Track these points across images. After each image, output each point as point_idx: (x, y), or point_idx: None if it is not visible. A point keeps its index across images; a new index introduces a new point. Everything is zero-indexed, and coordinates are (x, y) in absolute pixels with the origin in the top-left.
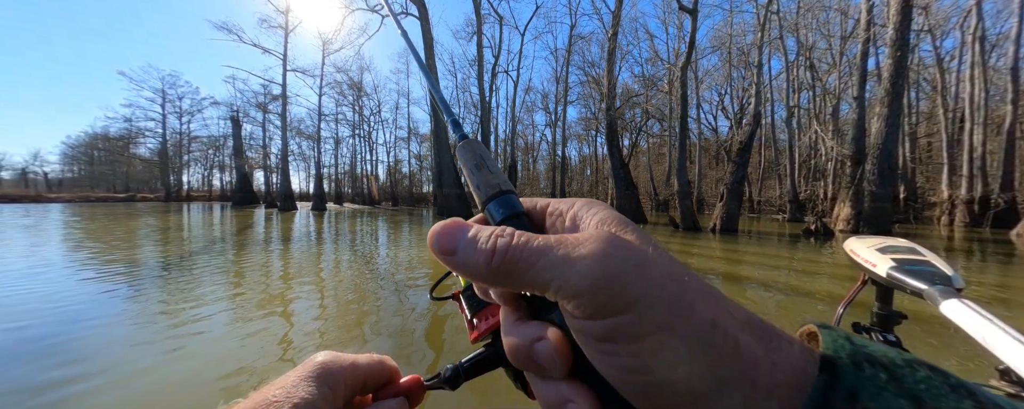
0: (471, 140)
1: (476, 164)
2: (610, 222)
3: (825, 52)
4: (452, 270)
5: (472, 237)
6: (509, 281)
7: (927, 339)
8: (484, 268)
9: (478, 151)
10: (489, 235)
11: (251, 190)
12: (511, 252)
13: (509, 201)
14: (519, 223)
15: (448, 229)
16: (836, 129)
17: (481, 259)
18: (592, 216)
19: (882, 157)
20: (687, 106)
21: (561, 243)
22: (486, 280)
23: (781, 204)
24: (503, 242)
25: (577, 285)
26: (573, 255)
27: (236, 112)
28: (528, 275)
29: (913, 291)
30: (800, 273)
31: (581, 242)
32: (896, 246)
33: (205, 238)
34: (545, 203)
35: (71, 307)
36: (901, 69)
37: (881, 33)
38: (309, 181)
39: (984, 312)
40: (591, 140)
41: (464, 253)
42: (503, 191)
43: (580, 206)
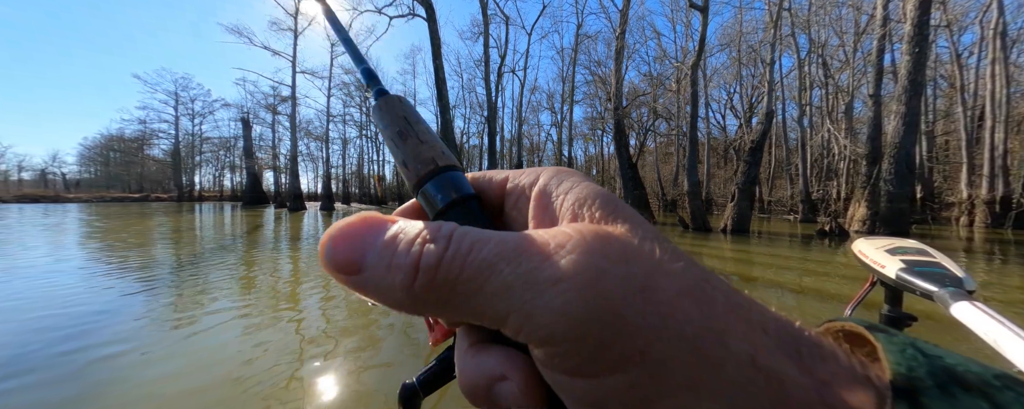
0: (392, 97)
1: (400, 131)
2: (591, 203)
3: (837, 49)
4: (355, 291)
5: (388, 243)
6: (444, 311)
7: (937, 341)
8: (402, 294)
9: (401, 113)
10: (414, 239)
11: (261, 190)
12: (444, 268)
13: (453, 180)
14: (467, 211)
15: (351, 231)
16: (849, 128)
17: (399, 279)
18: (566, 193)
19: (900, 156)
20: (697, 105)
21: (523, 251)
22: (408, 310)
23: (792, 204)
24: (432, 252)
25: (549, 326)
26: (542, 275)
27: (246, 113)
28: (472, 303)
29: (923, 293)
30: (818, 275)
31: (553, 251)
32: (906, 247)
33: (220, 237)
34: (503, 177)
35: (115, 300)
36: (919, 66)
37: (896, 29)
38: (317, 181)
39: (996, 315)
40: (597, 140)
41: (372, 271)
42: (442, 167)
43: (548, 178)
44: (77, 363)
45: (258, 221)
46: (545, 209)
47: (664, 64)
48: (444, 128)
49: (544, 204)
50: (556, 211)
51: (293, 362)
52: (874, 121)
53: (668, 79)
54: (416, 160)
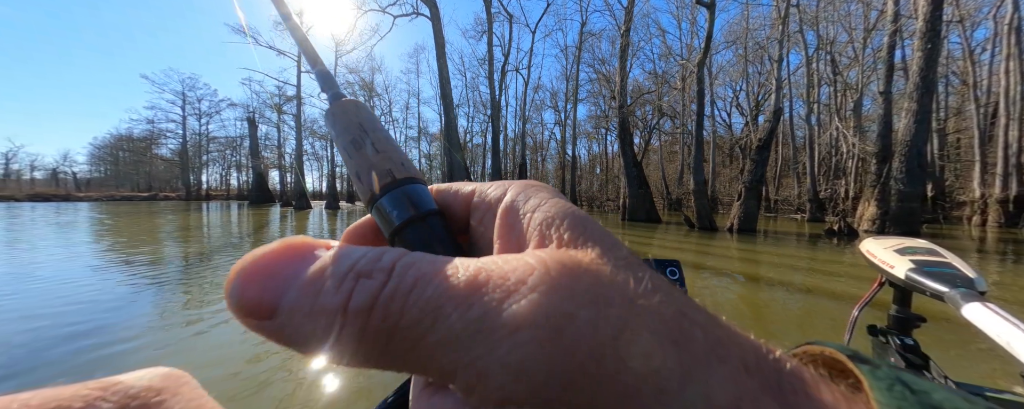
0: (349, 101)
1: (353, 139)
2: (560, 223)
3: (846, 46)
4: (267, 338)
5: (312, 279)
6: (378, 363)
7: (946, 343)
8: (324, 346)
9: (356, 118)
10: (346, 273)
11: (267, 189)
12: (379, 312)
13: (411, 195)
14: (427, 229)
15: (267, 263)
16: (858, 125)
17: (319, 328)
18: (533, 212)
19: (911, 154)
20: (704, 103)
21: (476, 288)
22: (336, 361)
23: (800, 203)
24: (366, 290)
25: (505, 389)
26: (497, 322)
27: (252, 113)
28: (412, 356)
29: (933, 293)
30: (830, 275)
31: (512, 289)
32: (915, 247)
33: (227, 236)
34: (470, 190)
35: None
36: (932, 62)
37: (907, 24)
38: (322, 180)
39: (1009, 316)
40: (600, 138)
41: (290, 315)
42: (400, 179)
43: (516, 193)
44: (87, 360)
45: (264, 220)
46: (511, 228)
47: (669, 62)
48: (448, 126)
49: (510, 222)
50: (523, 230)
51: (299, 359)
52: (884, 118)
53: (673, 77)
54: (370, 172)
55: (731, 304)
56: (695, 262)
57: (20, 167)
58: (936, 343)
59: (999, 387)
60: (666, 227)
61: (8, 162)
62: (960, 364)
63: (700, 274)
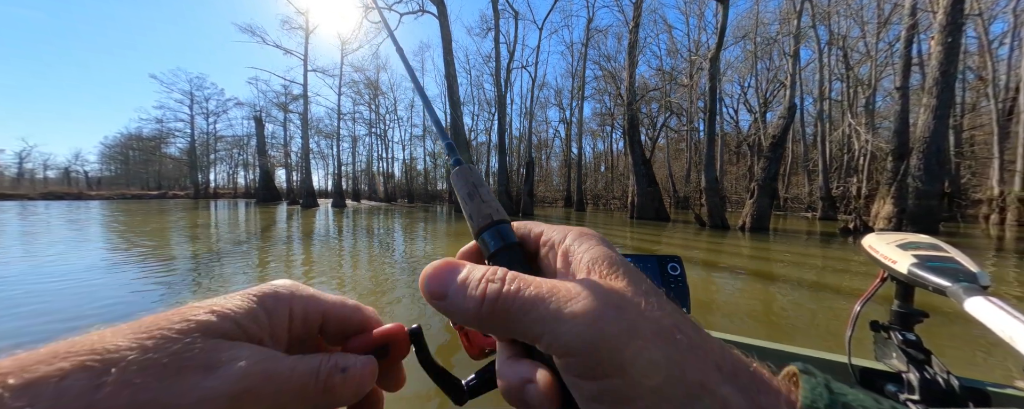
0: (465, 167)
1: (469, 192)
2: (601, 263)
3: (857, 41)
4: (442, 313)
5: (462, 281)
6: (499, 329)
7: (949, 337)
8: (474, 315)
9: (471, 179)
10: (480, 279)
11: (274, 187)
12: (501, 300)
13: (502, 232)
14: (512, 255)
15: (438, 271)
16: (870, 122)
17: (471, 306)
18: (583, 253)
19: (929, 151)
20: (717, 99)
21: (553, 295)
22: (476, 326)
23: (811, 201)
24: (493, 289)
25: (568, 344)
26: (565, 311)
27: (259, 112)
28: (518, 326)
29: (936, 288)
30: (855, 275)
31: (573, 296)
32: (917, 242)
33: (235, 237)
34: (539, 231)
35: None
36: (952, 56)
37: (922, 18)
38: (328, 178)
39: (1012, 310)
40: (606, 136)
41: (454, 298)
42: (495, 221)
43: (573, 240)
44: None
45: (272, 218)
46: (568, 263)
47: (676, 58)
48: (454, 125)
49: (567, 259)
50: (575, 265)
51: None
52: (901, 114)
53: (680, 73)
54: (479, 215)
55: (754, 306)
56: (709, 260)
57: (33, 166)
58: (944, 336)
59: (1001, 381)
60: (675, 225)
61: (22, 161)
62: (961, 360)
63: (717, 274)
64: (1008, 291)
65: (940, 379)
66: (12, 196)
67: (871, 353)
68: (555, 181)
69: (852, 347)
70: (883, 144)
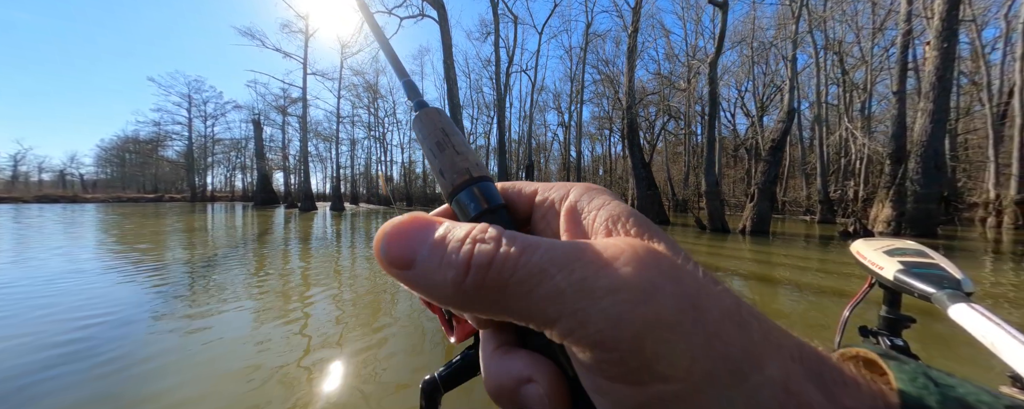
0: (431, 109)
1: (438, 142)
2: (625, 220)
3: (852, 46)
4: (406, 287)
5: (439, 241)
6: (491, 309)
7: (936, 344)
8: (454, 290)
9: (439, 124)
10: (464, 238)
11: (272, 190)
12: (496, 268)
13: (484, 191)
14: (496, 221)
15: (403, 229)
16: (866, 126)
17: (450, 276)
18: (597, 210)
19: (927, 154)
20: (717, 102)
21: (576, 259)
22: (458, 305)
23: (809, 205)
24: (484, 251)
25: (600, 333)
26: (597, 284)
27: (257, 115)
28: (521, 305)
29: (921, 295)
30: (859, 279)
31: (608, 261)
32: (904, 248)
33: (231, 241)
34: (532, 189)
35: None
36: (948, 61)
37: (916, 24)
38: (326, 182)
39: (993, 317)
40: (604, 139)
41: (426, 265)
42: (475, 177)
43: (579, 194)
44: (87, 370)
45: (270, 222)
46: (577, 224)
47: (674, 63)
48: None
49: (575, 219)
50: (588, 226)
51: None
52: (898, 118)
53: (677, 78)
54: (452, 170)
55: (765, 310)
56: (716, 265)
57: (28, 169)
58: (931, 344)
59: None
60: (676, 229)
61: (16, 164)
62: (947, 365)
63: (729, 280)
64: (1006, 295)
65: None
66: (6, 199)
67: None
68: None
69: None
70: (880, 148)
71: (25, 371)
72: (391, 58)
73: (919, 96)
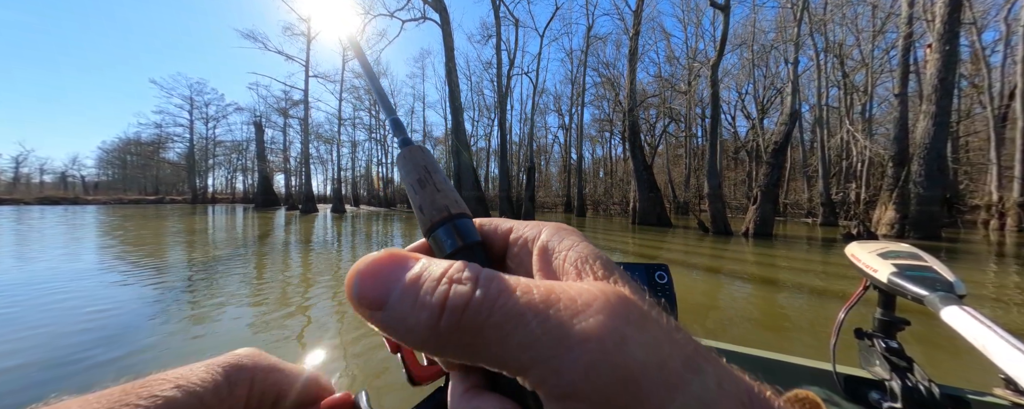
0: (415, 147)
1: (419, 179)
2: (593, 262)
3: (852, 48)
4: (379, 331)
5: (413, 281)
6: (463, 353)
7: (930, 346)
8: (428, 333)
9: (422, 162)
10: (440, 278)
11: (273, 192)
12: (472, 311)
13: (461, 228)
14: (471, 257)
15: (377, 267)
16: (867, 129)
17: (424, 318)
18: (567, 251)
19: (930, 157)
20: (719, 105)
21: (551, 304)
22: (431, 349)
23: (811, 207)
24: (460, 293)
25: (573, 384)
26: (573, 331)
27: (259, 117)
28: (495, 350)
29: (914, 297)
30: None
31: (581, 308)
32: (898, 251)
33: (233, 243)
34: (507, 227)
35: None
36: (950, 64)
37: (917, 26)
38: (327, 184)
39: (985, 319)
40: (604, 141)
41: (399, 306)
42: (453, 215)
43: (550, 234)
44: (87, 373)
45: (271, 224)
46: (548, 263)
47: (675, 66)
48: (456, 130)
49: (546, 258)
50: (558, 266)
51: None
52: (901, 121)
53: (678, 80)
54: (431, 206)
55: (769, 311)
56: (715, 267)
57: (29, 171)
58: (929, 343)
59: (979, 389)
60: (678, 231)
61: (18, 166)
62: (942, 368)
63: (735, 283)
64: (1013, 298)
65: (921, 387)
66: (8, 200)
67: (857, 361)
68: (554, 187)
69: (837, 355)
70: (882, 150)
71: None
72: (380, 96)
73: (920, 99)
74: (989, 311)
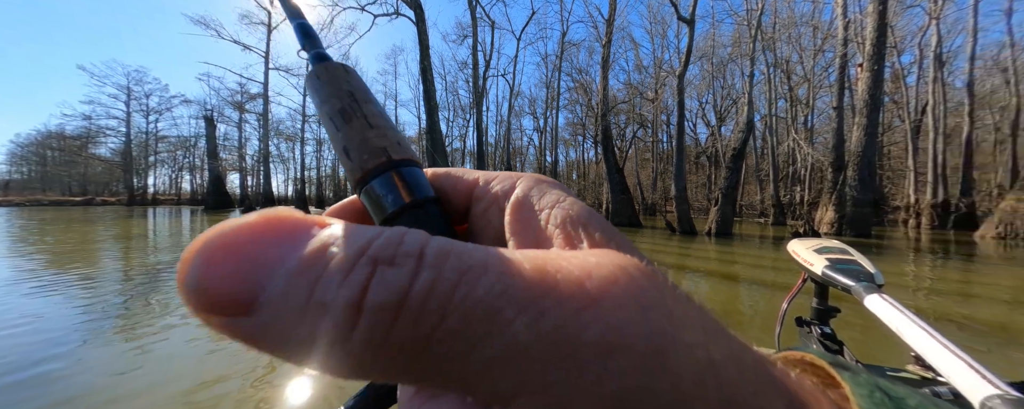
0: (337, 64)
1: (341, 109)
2: (587, 223)
3: (796, 65)
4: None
5: (309, 263)
6: (397, 377)
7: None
8: (330, 349)
9: (347, 86)
10: (356, 256)
11: (226, 193)
12: (411, 312)
13: (408, 178)
14: (424, 219)
15: (240, 240)
16: (809, 137)
17: (322, 327)
18: (552, 208)
19: (862, 164)
20: (684, 112)
21: (545, 290)
22: (334, 371)
23: (763, 208)
24: (390, 284)
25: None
26: (584, 338)
27: (210, 111)
28: (455, 371)
29: (843, 287)
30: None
31: (596, 297)
32: (830, 247)
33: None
34: (471, 179)
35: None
36: (878, 81)
37: (850, 48)
38: (288, 184)
39: (898, 305)
40: (578, 145)
41: (276, 308)
42: (395, 160)
43: (528, 186)
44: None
45: None
46: (526, 224)
47: (642, 74)
48: (431, 129)
49: (524, 217)
50: (540, 227)
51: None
52: (838, 131)
53: (646, 88)
54: (361, 148)
55: (737, 307)
56: (684, 265)
57: None
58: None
59: (893, 365)
60: (647, 231)
61: None
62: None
63: (700, 279)
64: (928, 286)
65: None
66: None
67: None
68: None
69: (781, 342)
70: (822, 157)
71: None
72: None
73: (854, 112)
74: (904, 298)
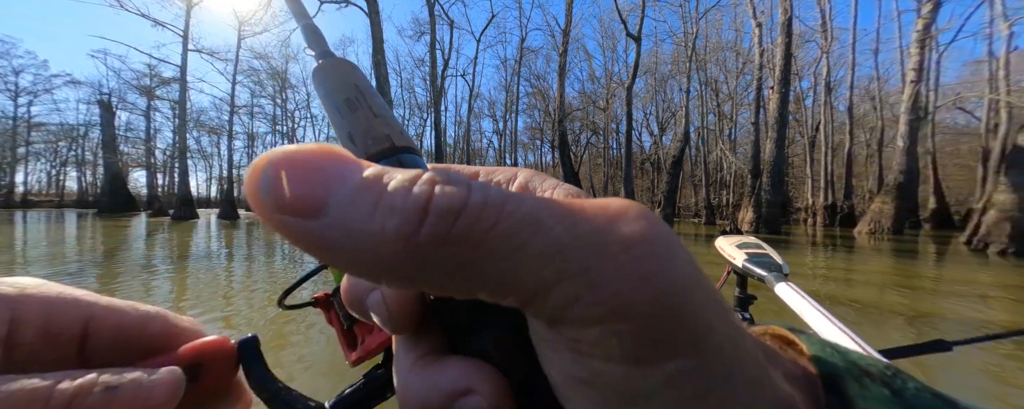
0: (344, 61)
1: (348, 99)
2: (583, 196)
3: (722, 84)
4: (306, 248)
5: (371, 181)
6: (453, 275)
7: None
8: (396, 246)
9: (352, 79)
10: (413, 179)
11: (127, 193)
12: (470, 215)
13: (410, 165)
14: None
15: (311, 158)
16: (733, 148)
17: (390, 227)
18: (552, 190)
19: (774, 172)
20: (632, 122)
21: (578, 210)
22: (398, 272)
23: (697, 209)
24: (450, 193)
25: (622, 297)
26: (613, 237)
27: (106, 95)
28: (504, 266)
29: (758, 278)
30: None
31: (616, 215)
32: (748, 243)
33: (88, 258)
34: (472, 171)
35: None
36: (785, 102)
37: (764, 73)
38: (211, 183)
39: (802, 293)
40: (536, 148)
41: (345, 212)
42: (398, 147)
43: (529, 176)
44: None
45: (126, 235)
46: None
47: (595, 84)
48: None
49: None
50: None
51: None
52: (755, 143)
53: (598, 98)
54: (366, 135)
55: None
56: None
57: None
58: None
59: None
60: None
61: None
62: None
63: None
64: (822, 274)
65: None
66: None
67: None
68: None
69: None
70: (742, 165)
71: None
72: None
73: (766, 127)
74: (806, 284)
